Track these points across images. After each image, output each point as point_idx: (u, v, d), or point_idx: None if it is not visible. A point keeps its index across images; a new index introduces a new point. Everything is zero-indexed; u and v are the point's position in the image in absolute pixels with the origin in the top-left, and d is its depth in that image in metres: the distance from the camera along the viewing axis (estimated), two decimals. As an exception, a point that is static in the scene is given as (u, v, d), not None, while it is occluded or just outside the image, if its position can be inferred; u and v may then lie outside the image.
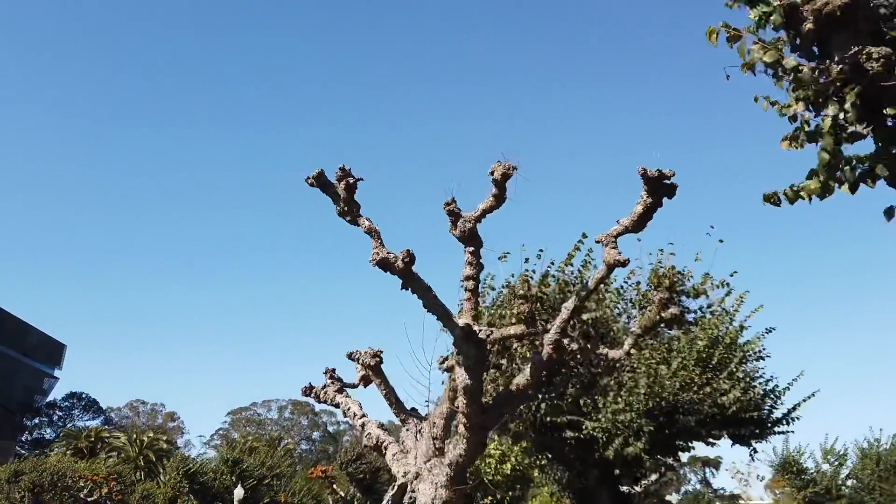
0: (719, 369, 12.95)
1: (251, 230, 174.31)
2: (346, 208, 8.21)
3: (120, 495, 35.19)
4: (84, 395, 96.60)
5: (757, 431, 14.40)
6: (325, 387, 12.02)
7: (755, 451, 15.01)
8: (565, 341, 8.29)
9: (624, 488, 15.38)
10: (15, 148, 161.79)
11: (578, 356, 9.23)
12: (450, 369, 9.09)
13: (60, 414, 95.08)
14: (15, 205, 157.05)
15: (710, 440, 13.93)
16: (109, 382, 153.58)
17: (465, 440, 9.17)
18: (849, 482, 29.17)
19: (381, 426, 10.98)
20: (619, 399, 12.37)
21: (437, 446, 10.12)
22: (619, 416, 12.40)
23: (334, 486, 32.66)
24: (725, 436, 13.73)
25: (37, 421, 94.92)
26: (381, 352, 10.62)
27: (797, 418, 14.62)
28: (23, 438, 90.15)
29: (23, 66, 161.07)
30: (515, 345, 10.25)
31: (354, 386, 12.05)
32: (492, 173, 8.01)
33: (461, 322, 8.14)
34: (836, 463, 29.22)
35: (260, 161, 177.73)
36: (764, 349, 13.89)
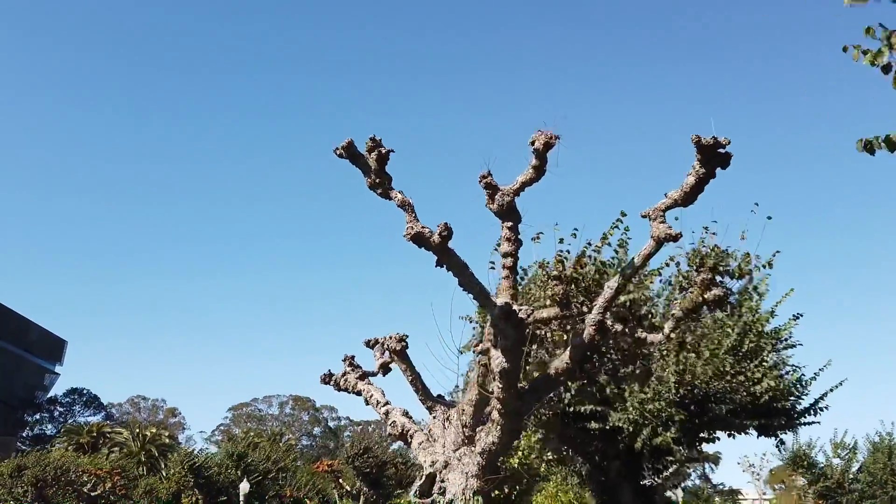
0: (750, 357, 12.47)
1: (252, 225, 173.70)
2: (377, 180, 7.69)
3: (124, 490, 34.67)
4: (85, 391, 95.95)
5: (783, 422, 13.93)
6: (345, 374, 11.52)
7: (782, 443, 14.59)
8: (609, 322, 7.80)
9: (645, 481, 14.92)
10: (15, 143, 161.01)
11: (619, 339, 8.74)
12: (484, 352, 8.58)
13: (61, 410, 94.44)
14: (15, 200, 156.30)
15: (741, 431, 13.43)
16: (110, 378, 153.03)
17: (498, 427, 8.68)
18: (860, 476, 28.73)
19: (405, 414, 10.50)
20: (648, 388, 11.86)
21: (466, 434, 9.62)
22: (648, 405, 11.91)
23: (340, 480, 32.16)
24: (751, 427, 13.27)
25: (38, 417, 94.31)
26: (407, 336, 10.15)
27: (825, 409, 14.18)
28: (24, 434, 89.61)
29: (24, 57, 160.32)
30: (545, 329, 9.71)
31: (374, 374, 11.54)
32: (532, 143, 7.51)
33: (500, 301, 7.65)
34: (848, 457, 28.78)
35: (263, 150, 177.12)
36: (791, 336, 13.43)
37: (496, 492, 34.05)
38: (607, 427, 12.88)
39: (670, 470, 15.31)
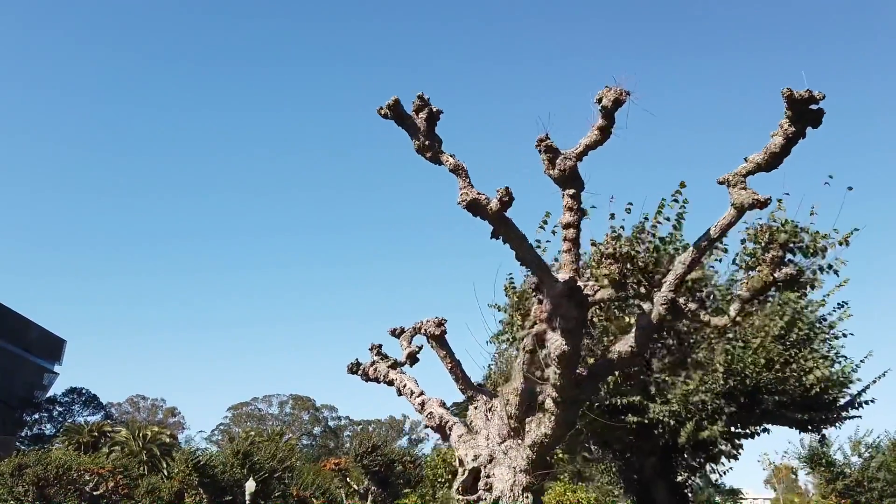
0: (798, 346, 11.67)
1: (251, 222, 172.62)
2: (425, 142, 6.89)
3: (126, 489, 33.78)
4: (84, 391, 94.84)
5: (824, 417, 13.15)
6: (374, 363, 10.73)
7: (824, 438, 13.83)
8: (681, 300, 7.01)
9: (680, 478, 14.16)
10: (14, 140, 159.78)
11: (683, 322, 7.95)
12: (538, 336, 7.80)
13: (60, 409, 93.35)
14: (14, 198, 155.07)
15: (792, 425, 12.61)
16: (109, 378, 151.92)
17: (552, 418, 7.89)
18: (880, 475, 27.98)
19: (442, 405, 9.71)
20: (692, 378, 11.07)
21: (512, 426, 8.84)
22: (693, 396, 11.12)
23: (348, 479, 31.30)
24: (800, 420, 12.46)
25: (37, 416, 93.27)
26: (446, 321, 9.36)
27: (871, 402, 13.39)
28: (22, 434, 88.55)
29: (25, 51, 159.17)
30: (592, 312, 8.91)
31: (402, 364, 10.75)
32: (599, 100, 6.70)
33: (562, 277, 6.85)
34: (869, 454, 28.02)
35: (260, 145, 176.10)
36: (841, 324, 12.61)
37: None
38: (646, 420, 12.11)
39: (707, 467, 14.45)
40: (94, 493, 30.90)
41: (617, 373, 11.48)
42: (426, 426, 9.40)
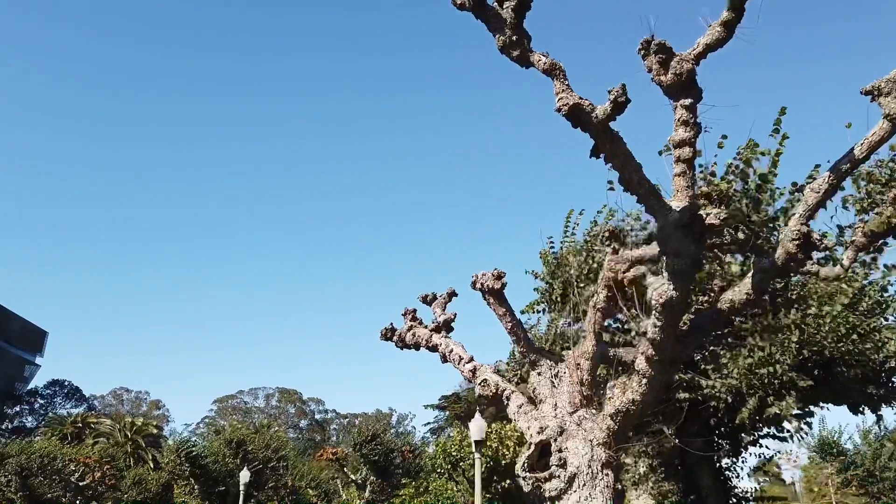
0: (866, 315, 10.52)
1: (235, 214, 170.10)
2: (512, 38, 5.59)
3: (113, 480, 32.20)
4: (66, 383, 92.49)
5: (882, 394, 12.02)
6: (411, 328, 9.40)
7: (881, 418, 12.78)
8: (815, 235, 5.77)
9: (723, 461, 13.02)
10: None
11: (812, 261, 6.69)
12: (632, 282, 6.53)
13: (42, 402, 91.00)
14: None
15: (868, 402, 11.44)
16: (92, 370, 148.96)
17: (643, 381, 6.62)
18: (891, 464, 27.10)
19: (497, 372, 8.42)
20: (756, 349, 9.86)
21: (584, 394, 7.56)
22: (760, 368, 9.91)
23: (345, 469, 29.93)
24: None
25: (18, 409, 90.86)
26: (505, 274, 8.06)
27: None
28: (2, 426, 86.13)
29: (14, 35, 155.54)
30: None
31: (442, 329, 9.43)
32: (728, -14, 5.44)
33: (676, 204, 5.58)
34: (878, 444, 27.14)
35: (239, 131, 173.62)
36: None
37: (506, 482, 32.08)
38: (699, 397, 10.90)
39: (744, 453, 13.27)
40: (80, 483, 29.34)
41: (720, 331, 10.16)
42: (479, 395, 8.09)
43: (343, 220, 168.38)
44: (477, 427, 17.29)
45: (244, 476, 27.94)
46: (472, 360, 8.39)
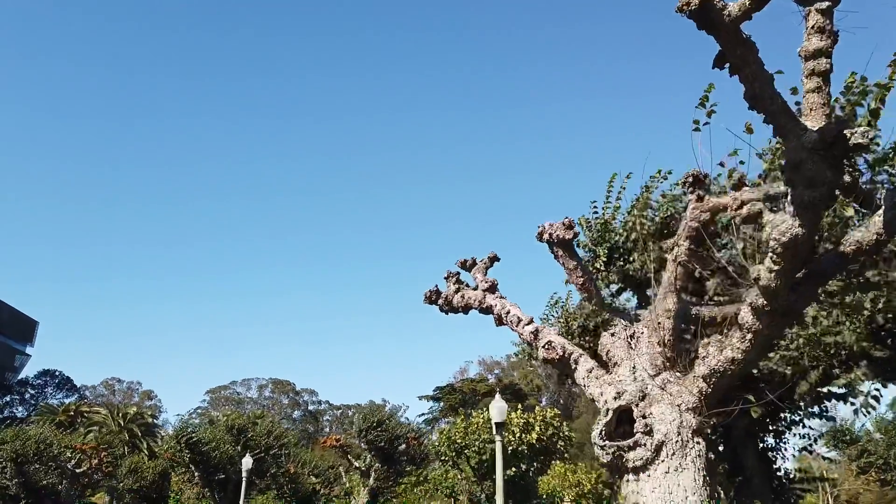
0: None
1: (226, 204, 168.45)
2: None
3: (110, 467, 31.22)
4: (58, 373, 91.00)
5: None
6: (459, 290, 8.57)
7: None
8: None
9: (768, 441, 12.28)
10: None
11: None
12: (751, 218, 5.72)
13: (33, 392, 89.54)
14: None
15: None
16: (84, 360, 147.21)
17: (747, 337, 5.82)
18: (907, 453, 26.51)
19: (560, 333, 7.63)
20: (823, 314, 9.08)
21: (667, 355, 6.77)
22: (828, 336, 9.11)
23: (349, 456, 29.07)
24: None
25: (8, 399, 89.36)
26: (575, 223, 7.23)
27: None
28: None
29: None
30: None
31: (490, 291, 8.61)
32: None
33: (812, 124, 4.77)
34: (894, 431, 26.54)
35: (227, 117, 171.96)
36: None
37: (511, 469, 31.34)
38: (755, 371, 10.13)
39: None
40: (77, 470, 28.33)
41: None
42: (542, 359, 7.27)
43: (334, 212, 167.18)
44: (498, 409, 16.49)
45: (247, 463, 27.04)
46: (532, 321, 7.58)
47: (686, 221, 6.79)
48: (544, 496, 37.47)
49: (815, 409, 12.11)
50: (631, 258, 9.98)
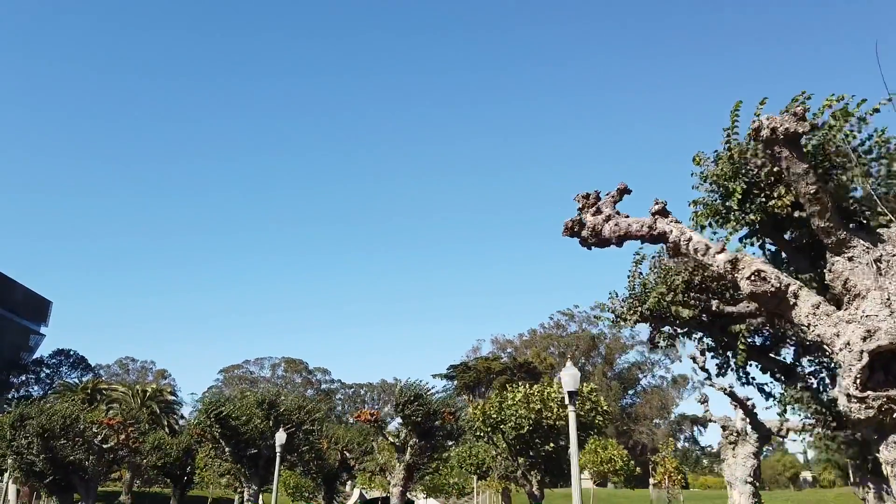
0: None
1: (241, 183, 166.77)
2: None
3: (137, 443, 29.85)
4: (72, 353, 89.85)
5: None
6: (609, 217, 6.98)
7: None
8: None
9: None
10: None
11: None
12: None
13: (48, 371, 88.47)
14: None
15: None
16: (98, 339, 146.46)
17: None
18: None
19: (765, 262, 6.07)
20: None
21: (937, 281, 5.23)
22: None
23: (384, 432, 27.63)
24: None
25: (23, 378, 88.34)
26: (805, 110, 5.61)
27: None
28: (9, 396, 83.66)
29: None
30: None
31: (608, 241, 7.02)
32: None
33: None
34: None
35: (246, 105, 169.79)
36: None
37: (550, 445, 29.93)
38: None
39: None
40: (104, 446, 26.94)
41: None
42: (751, 294, 5.71)
43: (344, 192, 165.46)
44: (571, 376, 14.97)
45: (280, 438, 25.63)
46: (724, 248, 6.01)
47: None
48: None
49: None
50: (775, 193, 8.42)
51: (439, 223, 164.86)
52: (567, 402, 15.11)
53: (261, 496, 29.69)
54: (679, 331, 12.80)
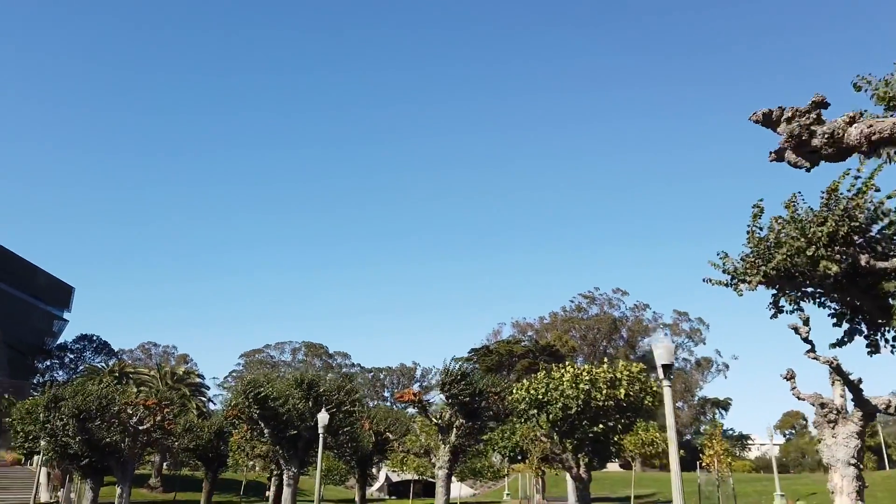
0: None
1: (264, 170, 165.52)
2: None
3: (171, 424, 28.60)
4: (95, 338, 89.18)
5: None
6: (853, 121, 5.42)
7: None
8: None
9: None
10: (20, 85, 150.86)
11: None
12: None
13: (72, 356, 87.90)
14: (21, 146, 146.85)
15: None
16: (119, 325, 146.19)
17: None
18: None
19: None
20: None
21: None
22: None
23: (428, 412, 26.22)
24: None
25: (48, 363, 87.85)
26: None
27: None
28: (34, 381, 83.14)
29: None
30: None
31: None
32: None
33: None
34: None
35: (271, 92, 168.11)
36: None
37: (599, 426, 28.38)
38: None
39: None
40: (140, 427, 25.68)
41: None
42: None
43: (365, 176, 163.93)
44: (664, 349, 13.45)
45: (323, 418, 24.25)
46: None
47: None
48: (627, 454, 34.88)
49: None
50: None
51: (457, 208, 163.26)
52: (661, 376, 13.56)
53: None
54: (810, 291, 11.23)
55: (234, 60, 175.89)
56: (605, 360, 30.76)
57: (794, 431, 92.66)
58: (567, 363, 32.13)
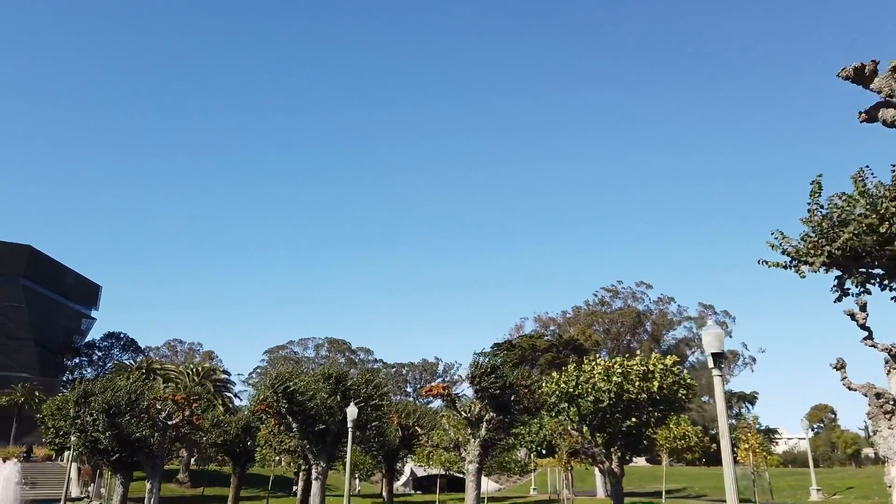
0: None
1: (288, 168, 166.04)
2: None
3: (200, 419, 28.39)
4: (122, 335, 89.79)
5: None
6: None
7: None
8: None
9: None
10: (46, 80, 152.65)
11: None
12: None
13: (100, 354, 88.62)
14: (48, 147, 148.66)
15: None
16: (145, 322, 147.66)
17: None
18: None
19: None
20: None
21: None
22: None
23: (457, 405, 25.65)
24: None
25: (76, 361, 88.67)
26: None
27: None
28: (63, 378, 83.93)
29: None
30: None
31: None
32: None
33: None
34: None
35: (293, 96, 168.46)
36: None
37: (632, 420, 27.59)
38: None
39: None
40: (169, 422, 25.47)
41: None
42: None
43: (388, 175, 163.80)
44: (714, 336, 12.73)
45: (352, 412, 23.82)
46: None
47: None
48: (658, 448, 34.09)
49: None
50: None
51: (480, 208, 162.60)
52: (711, 365, 12.88)
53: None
54: (876, 273, 10.51)
55: (268, 64, 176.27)
56: (638, 352, 30.01)
57: (822, 425, 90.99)
58: (592, 357, 31.37)
